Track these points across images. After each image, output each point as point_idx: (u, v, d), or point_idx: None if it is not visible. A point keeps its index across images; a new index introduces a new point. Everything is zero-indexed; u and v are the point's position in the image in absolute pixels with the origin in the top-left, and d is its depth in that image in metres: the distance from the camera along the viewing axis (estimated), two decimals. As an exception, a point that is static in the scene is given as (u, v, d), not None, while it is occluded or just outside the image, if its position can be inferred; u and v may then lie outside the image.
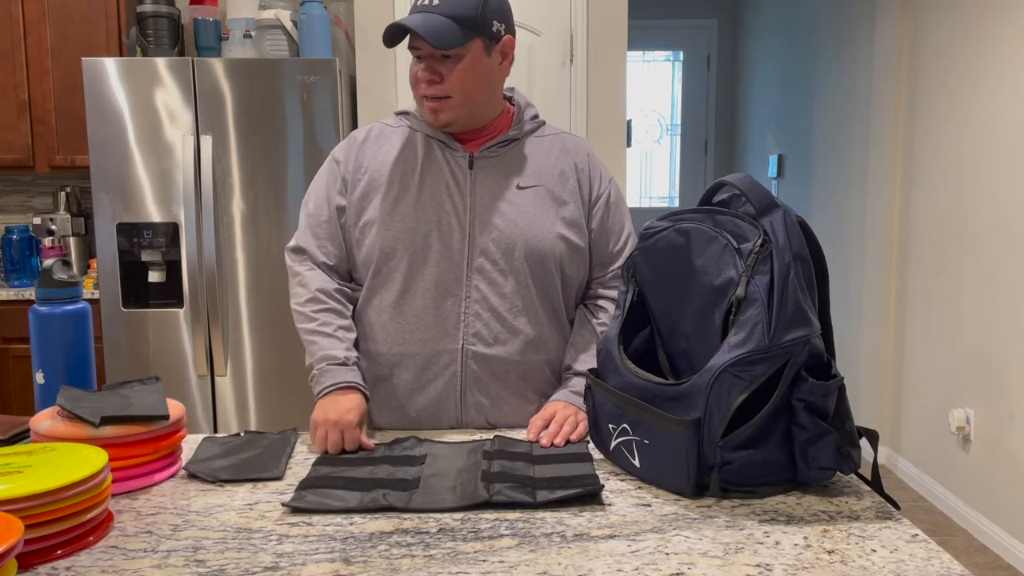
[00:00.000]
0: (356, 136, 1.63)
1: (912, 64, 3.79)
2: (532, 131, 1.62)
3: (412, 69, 1.52)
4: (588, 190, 1.61)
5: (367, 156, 1.59)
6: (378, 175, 1.57)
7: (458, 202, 1.54)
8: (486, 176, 1.55)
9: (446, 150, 1.56)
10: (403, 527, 1.09)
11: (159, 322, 3.14)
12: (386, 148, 1.59)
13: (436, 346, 1.54)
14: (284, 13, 3.22)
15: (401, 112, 1.65)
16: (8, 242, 3.52)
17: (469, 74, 1.50)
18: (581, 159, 1.62)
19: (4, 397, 3.37)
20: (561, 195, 1.58)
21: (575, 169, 1.60)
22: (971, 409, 3.31)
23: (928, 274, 3.66)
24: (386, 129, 1.62)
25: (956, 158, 3.42)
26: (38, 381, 1.39)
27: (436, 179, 1.55)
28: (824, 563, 0.99)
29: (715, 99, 6.51)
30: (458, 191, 1.54)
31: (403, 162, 1.57)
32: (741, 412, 1.14)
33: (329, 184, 1.61)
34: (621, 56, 3.45)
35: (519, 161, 1.58)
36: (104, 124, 3.05)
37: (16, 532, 0.87)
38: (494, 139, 1.57)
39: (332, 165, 1.62)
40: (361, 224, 1.56)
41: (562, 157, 1.61)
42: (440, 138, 1.57)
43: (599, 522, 1.10)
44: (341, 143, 1.64)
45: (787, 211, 1.20)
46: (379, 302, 1.57)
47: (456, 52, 1.47)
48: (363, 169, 1.58)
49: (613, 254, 1.63)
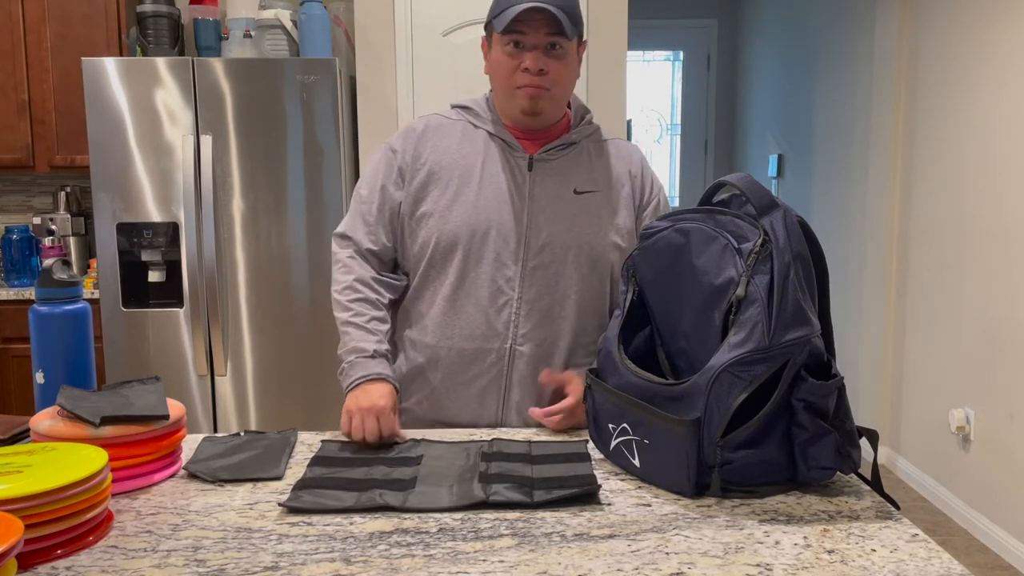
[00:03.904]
0: (415, 127, 1.62)
1: (912, 64, 3.79)
2: (588, 135, 1.62)
3: (509, 63, 1.51)
4: (640, 197, 1.62)
5: (427, 147, 1.58)
6: (438, 167, 1.56)
7: (516, 203, 1.54)
8: (545, 179, 1.56)
9: (507, 149, 1.57)
10: (403, 527, 1.09)
11: (159, 322, 3.14)
12: (446, 141, 1.58)
13: (484, 344, 1.54)
14: (284, 13, 3.22)
15: (460, 106, 1.64)
16: (8, 242, 3.52)
17: (570, 69, 1.53)
18: (636, 166, 1.63)
19: (4, 397, 3.37)
20: (616, 202, 1.58)
21: (629, 176, 1.61)
22: (971, 409, 3.31)
23: (928, 274, 3.66)
24: (445, 122, 1.62)
25: (956, 158, 3.42)
26: (38, 381, 1.39)
27: (496, 178, 1.55)
28: (824, 563, 0.99)
29: (715, 99, 6.51)
30: (517, 192, 1.54)
31: (464, 157, 1.56)
32: (741, 412, 1.14)
33: (385, 173, 1.59)
34: (621, 56, 3.45)
35: (577, 165, 1.58)
36: (104, 124, 3.05)
37: (16, 532, 0.87)
38: (554, 141, 1.58)
39: (389, 154, 1.61)
40: (418, 215, 1.56)
41: (618, 163, 1.62)
42: (503, 136, 1.57)
43: (599, 522, 1.10)
44: (397, 133, 1.63)
45: (787, 211, 1.20)
46: (431, 295, 1.57)
47: (566, 46, 1.50)
48: (422, 160, 1.57)
49: None
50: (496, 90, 1.58)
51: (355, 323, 1.54)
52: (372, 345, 1.52)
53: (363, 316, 1.55)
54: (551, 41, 1.48)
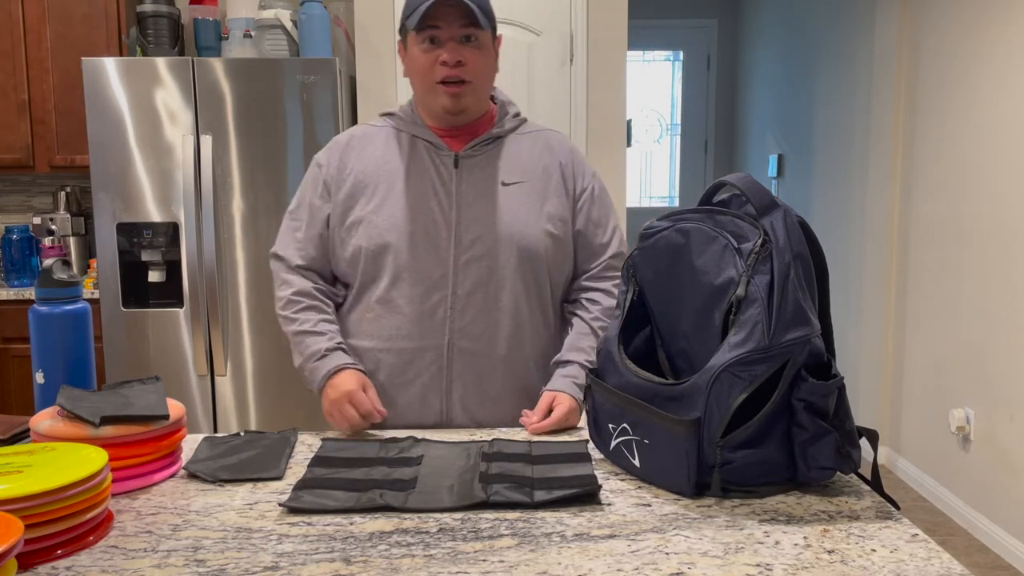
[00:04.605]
0: (339, 139, 1.65)
1: (912, 64, 3.79)
2: (514, 128, 1.64)
3: (425, 58, 1.53)
4: (572, 185, 1.63)
5: (352, 158, 1.61)
6: (363, 176, 1.59)
7: (444, 201, 1.56)
8: (471, 174, 1.58)
9: (431, 149, 1.59)
10: (403, 527, 1.09)
11: (159, 322, 3.14)
12: (371, 149, 1.61)
13: (423, 342, 1.56)
14: (284, 13, 3.22)
15: (386, 113, 1.67)
16: (8, 242, 3.52)
17: (486, 61, 1.55)
18: (564, 155, 1.65)
19: (4, 397, 3.37)
20: (545, 191, 1.60)
21: (559, 165, 1.63)
22: (971, 409, 3.31)
23: (928, 274, 3.66)
24: (370, 130, 1.65)
25: (956, 158, 3.42)
26: (38, 381, 1.39)
27: (422, 178, 1.57)
28: (824, 563, 0.99)
29: (715, 99, 6.51)
30: (444, 190, 1.56)
31: (388, 162, 1.59)
32: (741, 412, 1.14)
33: (312, 189, 1.63)
34: (621, 56, 3.45)
35: (503, 158, 1.60)
36: (104, 124, 3.05)
37: (16, 532, 0.87)
38: (478, 137, 1.59)
39: (315, 170, 1.64)
40: (347, 224, 1.58)
41: (545, 153, 1.63)
42: (426, 138, 1.59)
43: (599, 522, 1.10)
44: (325, 147, 1.66)
45: (787, 211, 1.20)
46: (367, 300, 1.59)
47: (481, 37, 1.52)
48: (348, 170, 1.60)
49: (601, 246, 1.66)
50: (416, 90, 1.60)
51: (304, 331, 1.58)
52: (324, 344, 1.56)
53: (309, 322, 1.59)
54: (466, 33, 1.50)
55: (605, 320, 1.62)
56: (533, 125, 1.68)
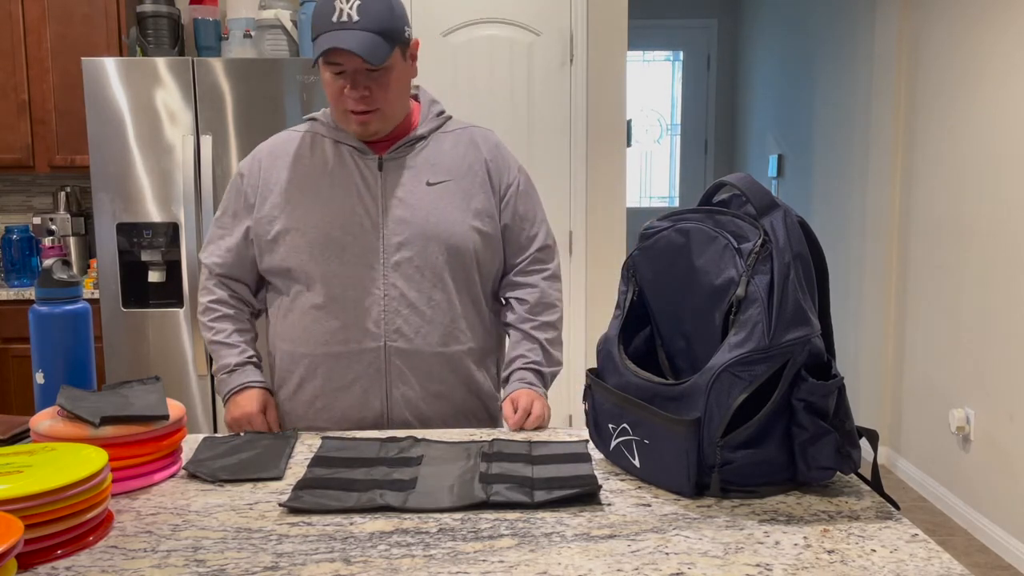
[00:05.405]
0: (262, 148, 1.66)
1: (912, 64, 3.79)
2: (438, 127, 1.64)
3: (334, 85, 1.52)
4: (498, 180, 1.64)
5: (275, 166, 1.61)
6: (288, 184, 1.59)
7: (370, 204, 1.57)
8: (396, 176, 1.58)
9: (355, 154, 1.59)
10: (403, 527, 1.09)
11: (159, 322, 3.14)
12: (294, 155, 1.61)
13: (359, 345, 1.57)
14: (284, 13, 3.23)
15: (309, 118, 1.66)
16: (8, 242, 3.52)
17: (395, 85, 1.53)
18: (489, 151, 1.65)
19: (4, 397, 3.37)
20: (471, 188, 1.61)
21: (484, 162, 1.64)
22: (971, 409, 3.32)
23: (928, 274, 3.66)
24: (293, 136, 1.65)
25: (956, 158, 3.42)
26: (38, 381, 1.39)
27: (347, 183, 1.58)
28: (824, 563, 0.99)
29: (715, 99, 6.51)
30: (369, 193, 1.57)
31: (312, 168, 1.59)
32: (741, 412, 1.14)
33: (235, 199, 1.64)
34: (621, 56, 3.45)
35: (427, 158, 1.61)
36: (104, 124, 3.05)
37: (16, 532, 0.87)
38: (402, 140, 1.60)
39: (237, 180, 1.65)
40: (274, 233, 1.58)
41: (470, 150, 1.64)
42: (349, 143, 1.59)
43: (599, 522, 1.10)
44: (248, 155, 1.66)
45: (787, 211, 1.20)
46: (301, 306, 1.59)
47: (388, 62, 1.49)
48: (271, 180, 1.60)
49: (528, 239, 1.68)
50: (330, 107, 1.60)
51: (218, 340, 1.64)
52: (234, 359, 1.63)
53: (223, 332, 1.64)
54: (367, 67, 1.48)
55: (534, 318, 1.65)
56: (458, 122, 1.68)
